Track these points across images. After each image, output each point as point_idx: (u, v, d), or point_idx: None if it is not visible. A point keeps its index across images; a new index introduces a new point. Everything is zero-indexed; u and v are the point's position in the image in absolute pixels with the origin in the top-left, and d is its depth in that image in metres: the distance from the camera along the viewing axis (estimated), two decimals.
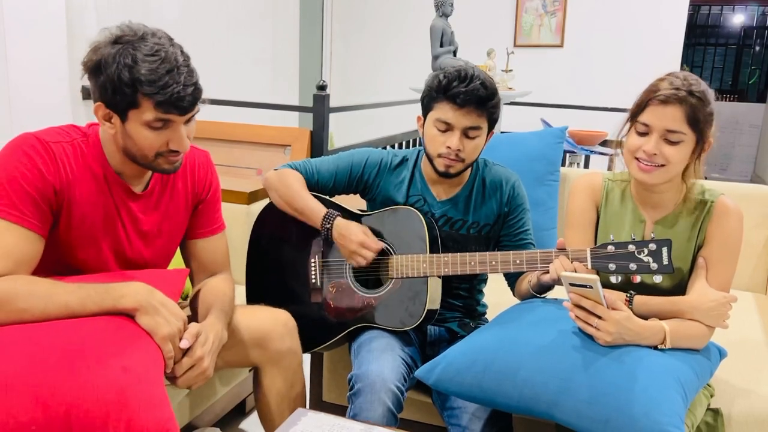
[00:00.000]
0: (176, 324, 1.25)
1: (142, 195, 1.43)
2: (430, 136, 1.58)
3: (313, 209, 1.64)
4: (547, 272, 1.44)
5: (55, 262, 1.35)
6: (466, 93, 1.49)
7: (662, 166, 1.37)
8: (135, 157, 1.34)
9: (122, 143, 1.32)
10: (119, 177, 1.39)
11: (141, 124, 1.27)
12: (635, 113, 1.40)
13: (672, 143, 1.35)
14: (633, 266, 1.36)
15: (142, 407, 1.10)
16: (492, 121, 1.58)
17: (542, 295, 1.57)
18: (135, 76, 1.21)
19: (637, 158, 1.39)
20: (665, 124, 1.34)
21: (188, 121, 1.32)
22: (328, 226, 1.61)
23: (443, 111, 1.53)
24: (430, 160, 1.61)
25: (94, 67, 1.25)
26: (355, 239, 1.57)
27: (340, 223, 1.60)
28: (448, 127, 1.54)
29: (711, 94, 1.37)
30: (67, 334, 1.16)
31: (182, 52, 1.28)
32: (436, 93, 1.54)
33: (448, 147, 1.54)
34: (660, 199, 1.47)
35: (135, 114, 1.26)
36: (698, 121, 1.34)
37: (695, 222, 1.46)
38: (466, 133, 1.54)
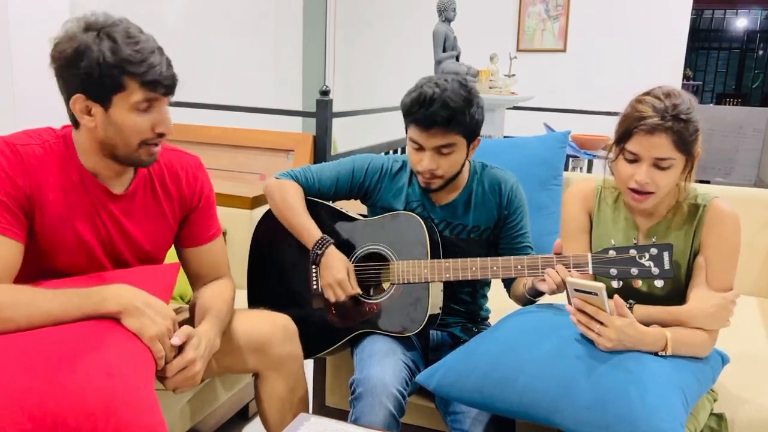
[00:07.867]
0: (163, 323, 1.22)
1: (123, 196, 1.38)
2: (409, 152, 1.59)
3: (307, 230, 1.63)
4: (544, 280, 1.43)
5: (38, 268, 1.32)
6: (425, 118, 1.48)
7: (654, 193, 1.36)
8: (116, 150, 1.28)
9: (103, 135, 1.27)
10: (95, 178, 1.34)
11: (127, 107, 1.24)
12: (621, 139, 1.38)
13: (662, 168, 1.35)
14: (634, 271, 1.35)
15: (130, 413, 1.08)
16: (470, 132, 1.54)
17: (537, 299, 1.57)
18: (121, 57, 1.20)
19: (630, 188, 1.38)
20: (654, 153, 1.33)
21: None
22: (319, 252, 1.60)
23: (413, 131, 1.54)
24: None
25: (72, 56, 1.20)
26: (336, 275, 1.57)
27: (330, 253, 1.60)
28: (419, 147, 1.54)
29: (695, 105, 1.35)
30: (50, 342, 1.13)
31: (153, 39, 1.28)
32: (404, 114, 1.54)
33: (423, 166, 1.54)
34: (653, 207, 1.47)
35: (121, 98, 1.23)
36: (687, 144, 1.33)
37: (689, 227, 1.44)
38: (439, 151, 1.53)
